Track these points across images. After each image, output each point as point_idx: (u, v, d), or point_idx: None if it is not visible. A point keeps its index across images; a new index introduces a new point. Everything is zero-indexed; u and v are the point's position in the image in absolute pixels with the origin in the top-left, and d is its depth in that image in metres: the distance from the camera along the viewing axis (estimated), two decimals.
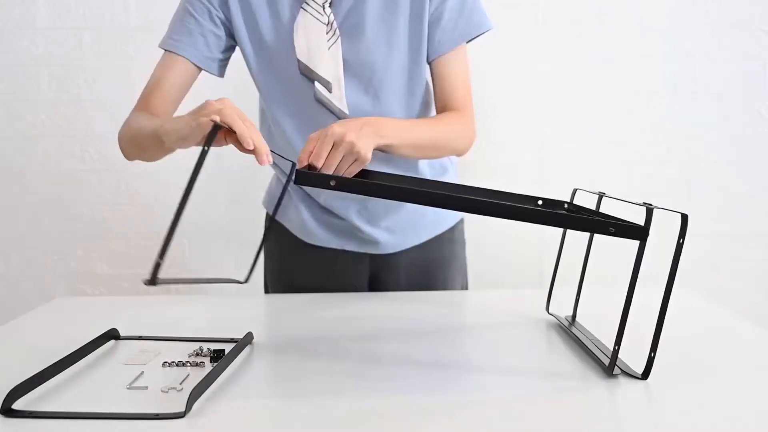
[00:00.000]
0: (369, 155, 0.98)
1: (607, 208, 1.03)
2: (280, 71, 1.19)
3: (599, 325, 0.97)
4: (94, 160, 2.09)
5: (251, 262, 1.07)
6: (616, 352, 0.80)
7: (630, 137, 2.10)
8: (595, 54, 2.07)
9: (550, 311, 1.09)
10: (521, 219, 0.81)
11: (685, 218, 0.77)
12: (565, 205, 1.05)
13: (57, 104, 2.06)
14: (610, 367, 0.80)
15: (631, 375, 0.81)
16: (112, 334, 0.99)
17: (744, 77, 2.08)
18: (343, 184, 0.84)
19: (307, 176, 0.86)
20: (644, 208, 0.79)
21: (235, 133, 0.86)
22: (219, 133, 0.87)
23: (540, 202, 1.04)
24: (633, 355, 0.85)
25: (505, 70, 2.05)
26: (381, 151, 1.06)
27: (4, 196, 2.10)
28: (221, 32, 1.20)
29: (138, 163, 2.08)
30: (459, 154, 1.24)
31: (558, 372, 0.85)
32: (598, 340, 0.94)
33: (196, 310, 1.21)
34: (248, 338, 0.97)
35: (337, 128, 0.97)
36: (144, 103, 1.21)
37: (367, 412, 0.73)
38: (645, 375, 0.80)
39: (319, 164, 0.96)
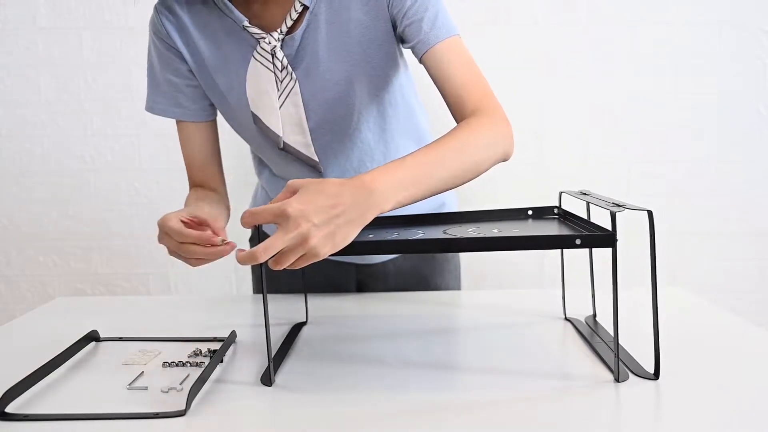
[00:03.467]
0: (324, 253, 0.75)
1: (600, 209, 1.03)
2: (241, 122, 1.12)
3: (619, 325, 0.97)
4: (94, 160, 2.09)
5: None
6: (617, 360, 0.80)
7: (630, 137, 2.10)
8: (594, 54, 2.07)
9: (567, 316, 1.09)
10: (489, 249, 0.82)
11: (650, 215, 0.77)
12: (555, 210, 1.06)
13: (57, 104, 2.06)
14: (615, 375, 0.81)
15: (642, 376, 0.81)
16: (93, 336, 0.99)
17: (744, 77, 2.08)
18: None
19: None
20: (618, 211, 0.79)
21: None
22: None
23: (530, 212, 1.06)
24: (647, 355, 0.85)
25: (504, 70, 2.04)
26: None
27: (4, 196, 2.10)
28: (196, 81, 1.13)
29: (138, 163, 2.09)
30: (504, 160, 1.00)
31: (571, 373, 0.85)
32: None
33: (195, 310, 1.21)
34: (232, 337, 0.97)
35: (295, 208, 0.73)
36: (192, 182, 1.20)
37: (370, 412, 0.73)
38: (656, 375, 0.81)
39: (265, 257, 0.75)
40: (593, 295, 1.08)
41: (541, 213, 1.07)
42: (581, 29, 2.06)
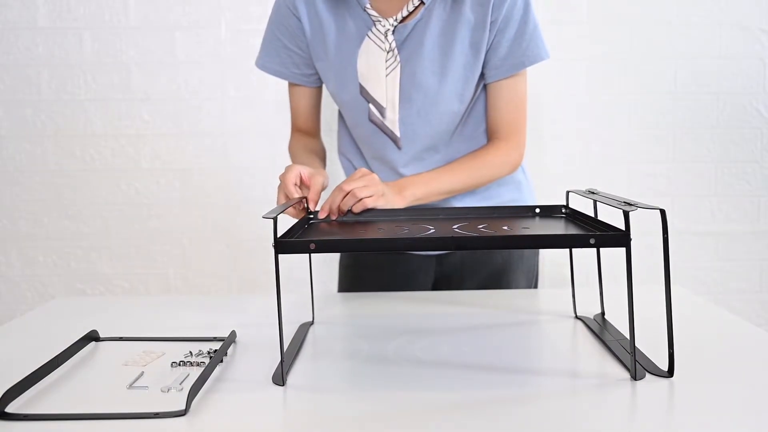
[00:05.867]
0: (371, 202, 1.06)
1: (601, 207, 1.03)
2: (343, 89, 1.26)
3: (627, 323, 0.97)
4: (94, 160, 2.09)
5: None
6: (633, 359, 0.80)
7: (630, 137, 2.10)
8: (594, 54, 2.07)
9: (578, 314, 1.09)
10: (503, 247, 0.84)
11: (663, 213, 0.77)
12: (563, 210, 1.06)
13: (57, 104, 2.06)
14: (632, 374, 0.81)
15: (656, 374, 0.81)
16: (93, 336, 0.99)
17: (744, 77, 2.08)
18: (321, 247, 0.81)
19: (287, 244, 0.81)
20: (631, 210, 0.78)
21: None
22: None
23: (537, 210, 1.06)
24: (657, 353, 0.85)
25: None
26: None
27: (4, 196, 2.10)
28: (308, 53, 1.29)
29: (137, 163, 2.09)
30: (505, 176, 1.30)
31: (587, 370, 0.85)
32: (626, 339, 0.94)
33: (195, 310, 1.21)
34: (232, 337, 0.97)
35: (357, 175, 1.09)
36: (295, 127, 1.40)
37: (376, 411, 0.73)
38: (670, 372, 0.81)
39: (315, 192, 1.09)
40: (601, 294, 1.08)
41: (548, 211, 1.07)
42: (581, 29, 2.06)
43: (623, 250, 0.78)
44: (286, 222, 1.07)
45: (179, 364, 0.88)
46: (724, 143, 2.11)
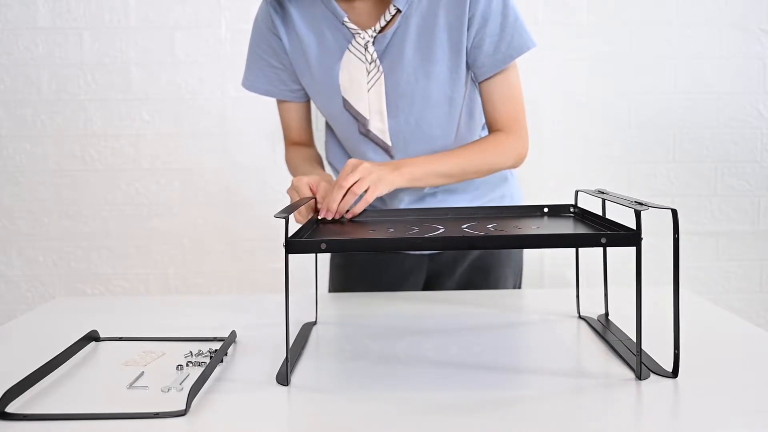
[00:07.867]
0: (372, 196, 1.05)
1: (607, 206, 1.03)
2: (329, 103, 1.26)
3: (630, 324, 0.97)
4: (94, 160, 2.09)
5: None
6: (639, 359, 0.80)
7: (630, 137, 2.10)
8: (594, 54, 2.07)
9: (581, 314, 1.09)
10: (516, 246, 0.83)
11: (674, 213, 0.77)
12: (571, 209, 1.06)
13: (57, 104, 2.06)
14: (636, 374, 0.81)
15: (660, 374, 0.81)
16: (93, 336, 0.99)
17: (744, 77, 2.08)
18: (332, 246, 0.82)
19: (298, 244, 0.81)
20: (643, 210, 0.78)
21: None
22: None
23: (546, 210, 1.06)
24: (663, 353, 0.85)
25: None
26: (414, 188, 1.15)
27: (4, 196, 2.10)
28: (291, 68, 1.28)
29: (137, 163, 2.09)
30: (509, 168, 1.28)
31: (591, 370, 0.85)
32: (629, 339, 0.94)
33: (195, 310, 1.21)
34: (232, 337, 0.97)
35: (348, 169, 1.07)
36: (288, 141, 1.40)
37: (381, 411, 0.73)
38: (674, 373, 0.80)
39: (324, 199, 1.07)
40: (606, 294, 1.08)
41: (556, 211, 1.07)
42: (581, 29, 2.06)
43: (626, 251, 0.77)
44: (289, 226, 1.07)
45: (179, 365, 0.87)
46: (724, 143, 2.11)
